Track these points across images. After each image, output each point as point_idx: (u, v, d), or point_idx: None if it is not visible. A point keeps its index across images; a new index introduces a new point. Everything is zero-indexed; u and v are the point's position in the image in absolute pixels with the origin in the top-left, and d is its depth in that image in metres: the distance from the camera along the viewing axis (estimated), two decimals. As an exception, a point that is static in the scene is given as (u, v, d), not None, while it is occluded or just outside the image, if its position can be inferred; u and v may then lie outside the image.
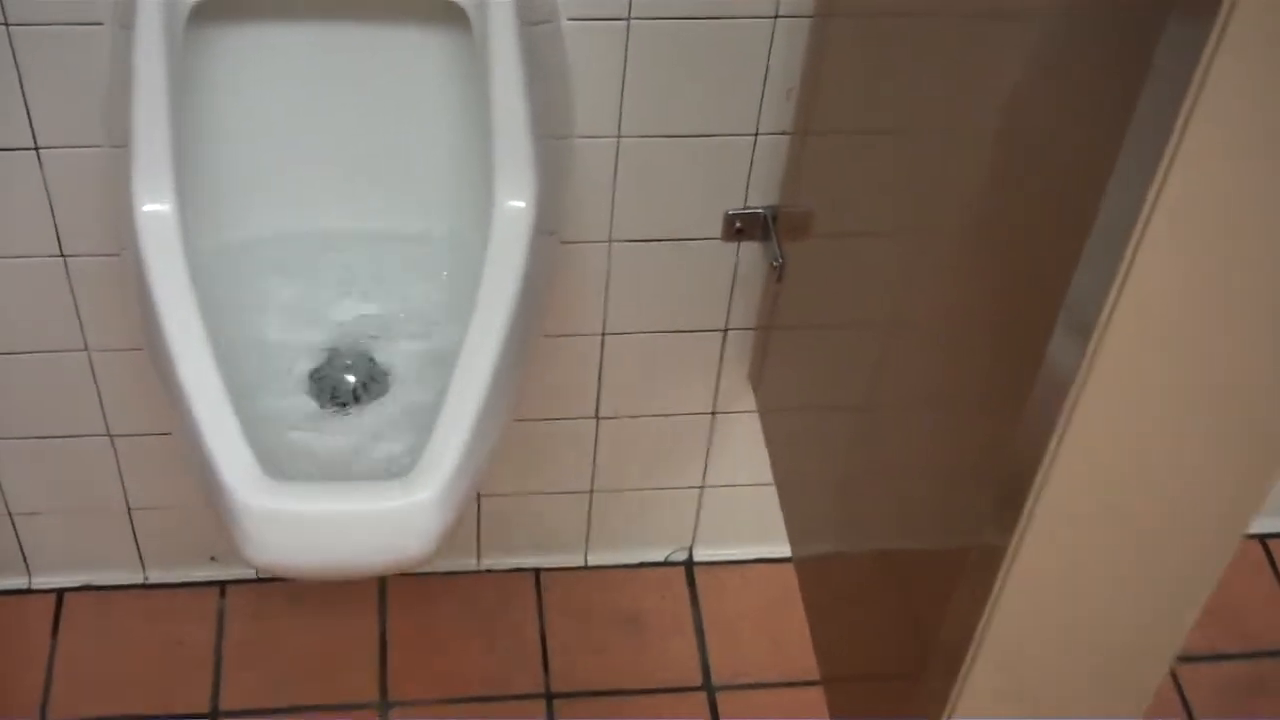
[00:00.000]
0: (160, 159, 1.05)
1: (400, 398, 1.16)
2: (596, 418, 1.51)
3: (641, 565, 1.67)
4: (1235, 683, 1.62)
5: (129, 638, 1.60)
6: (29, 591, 1.62)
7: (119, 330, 1.37)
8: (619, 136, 1.27)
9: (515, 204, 1.07)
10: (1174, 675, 1.62)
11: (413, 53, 1.17)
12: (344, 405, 1.15)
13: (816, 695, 1.55)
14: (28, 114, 1.20)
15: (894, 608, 1.10)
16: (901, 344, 1.11)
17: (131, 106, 1.05)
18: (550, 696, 1.56)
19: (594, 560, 1.67)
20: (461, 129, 1.18)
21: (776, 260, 1.31)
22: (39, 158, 1.23)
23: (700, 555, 1.68)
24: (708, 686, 1.58)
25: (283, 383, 1.16)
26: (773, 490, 1.51)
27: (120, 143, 1.10)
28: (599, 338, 1.43)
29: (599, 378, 1.47)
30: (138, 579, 1.63)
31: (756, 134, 1.28)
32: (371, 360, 1.18)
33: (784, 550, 1.65)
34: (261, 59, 1.15)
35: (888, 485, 1.16)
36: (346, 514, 0.99)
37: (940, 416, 1.04)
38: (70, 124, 1.21)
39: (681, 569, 1.68)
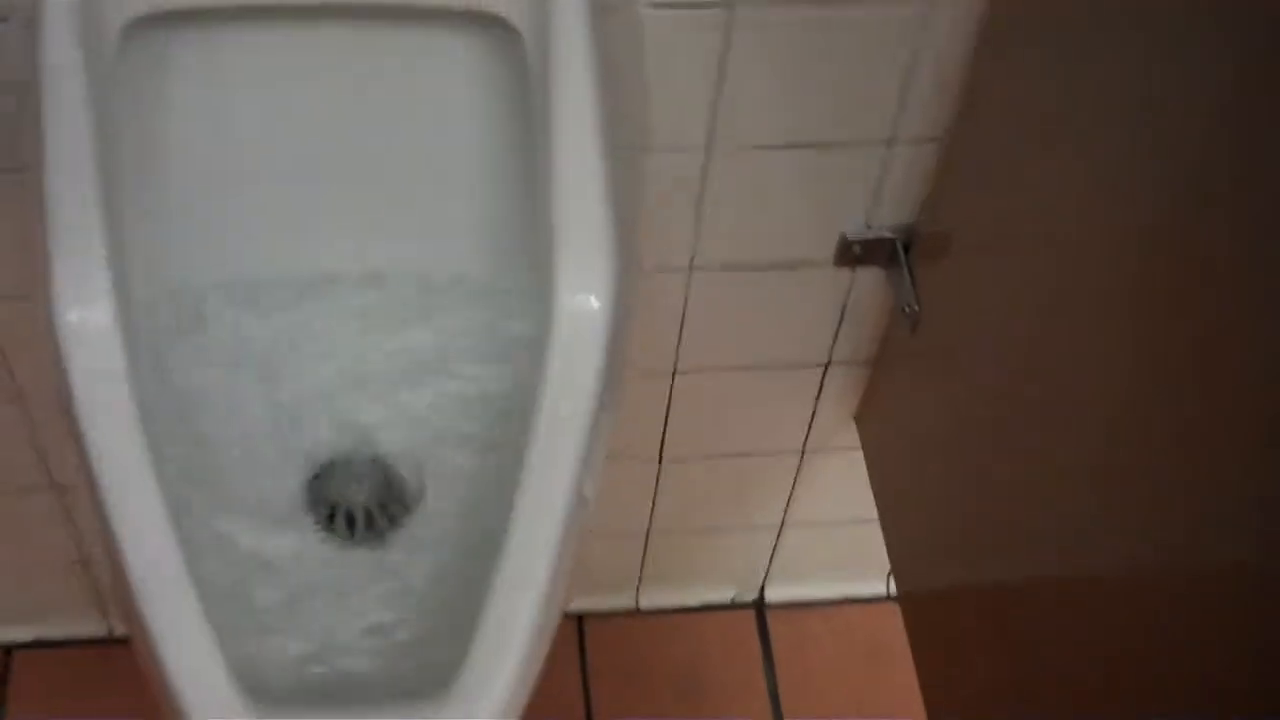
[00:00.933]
0: (87, 238, 0.73)
1: (432, 523, 0.87)
2: (660, 461, 1.22)
3: (704, 608, 1.41)
4: None
5: (91, 693, 1.34)
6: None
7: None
8: (709, 146, 0.96)
9: (586, 302, 0.77)
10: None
11: (434, 54, 0.85)
12: (351, 534, 0.87)
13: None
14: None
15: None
16: (1056, 383, 0.87)
17: (45, 168, 0.73)
18: (598, 779, 1.31)
19: (647, 603, 1.40)
20: (500, 147, 0.87)
21: (910, 307, 1.01)
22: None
23: (773, 597, 1.41)
24: (785, 762, 1.33)
25: (270, 507, 0.87)
26: (858, 529, 1.26)
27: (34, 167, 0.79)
28: (669, 377, 1.14)
29: (665, 419, 1.18)
30: (100, 632, 1.36)
31: (891, 141, 0.96)
32: (387, 469, 0.89)
33: (870, 590, 1.40)
34: (234, 67, 0.83)
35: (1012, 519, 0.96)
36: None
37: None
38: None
39: (751, 612, 1.41)
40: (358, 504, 0.87)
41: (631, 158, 0.94)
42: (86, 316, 0.72)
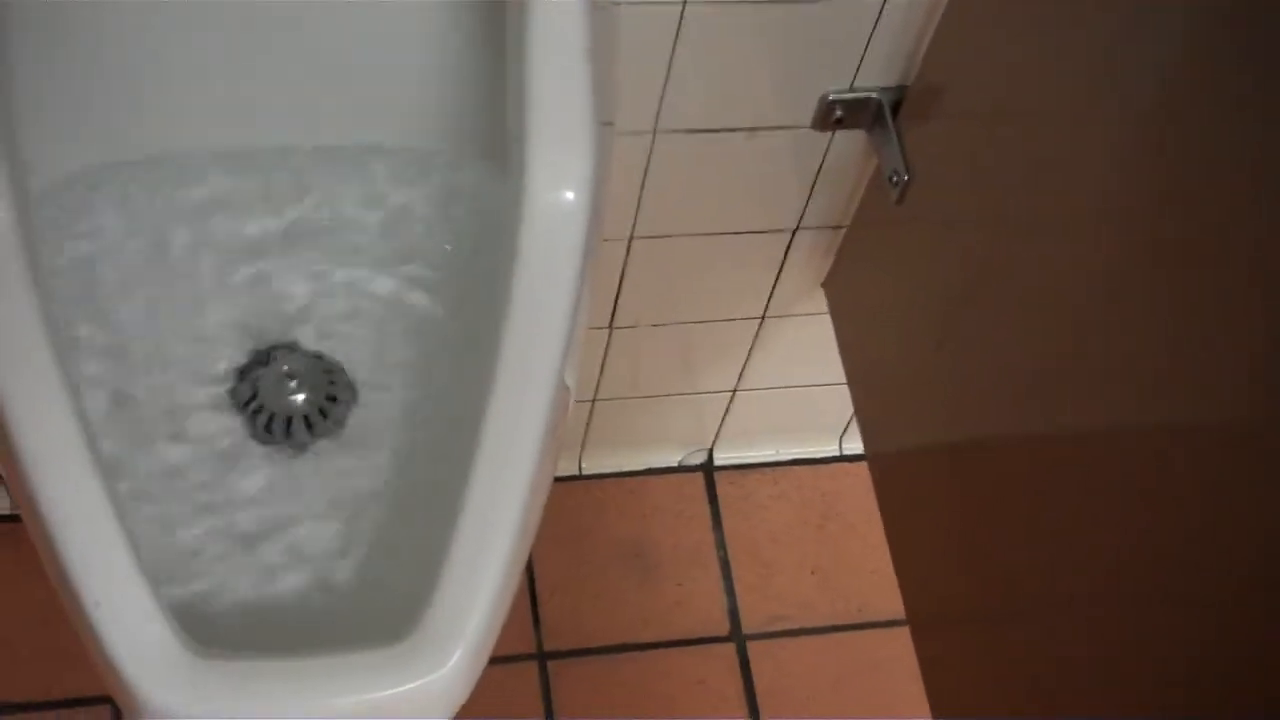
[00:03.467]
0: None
1: (375, 425, 0.78)
2: (610, 327, 1.14)
3: (649, 472, 1.34)
4: None
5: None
6: None
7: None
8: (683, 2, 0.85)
9: (561, 196, 0.67)
10: None
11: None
12: (289, 436, 0.78)
13: (878, 640, 1.28)
14: None
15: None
16: (1046, 245, 0.84)
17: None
18: (543, 657, 1.25)
19: (590, 468, 1.33)
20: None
21: (898, 176, 0.93)
22: None
23: (721, 459, 1.35)
24: (737, 635, 1.29)
25: (197, 403, 0.77)
26: (809, 392, 1.25)
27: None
28: (625, 242, 1.04)
29: (619, 286, 1.09)
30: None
31: (884, -4, 0.87)
32: (326, 364, 0.79)
33: (823, 451, 1.35)
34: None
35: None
36: (326, 711, 0.64)
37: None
38: None
39: (699, 475, 1.35)
40: (293, 406, 0.78)
41: (607, 9, 0.83)
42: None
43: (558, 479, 1.31)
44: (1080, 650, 0.85)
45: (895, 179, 0.93)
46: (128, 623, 0.63)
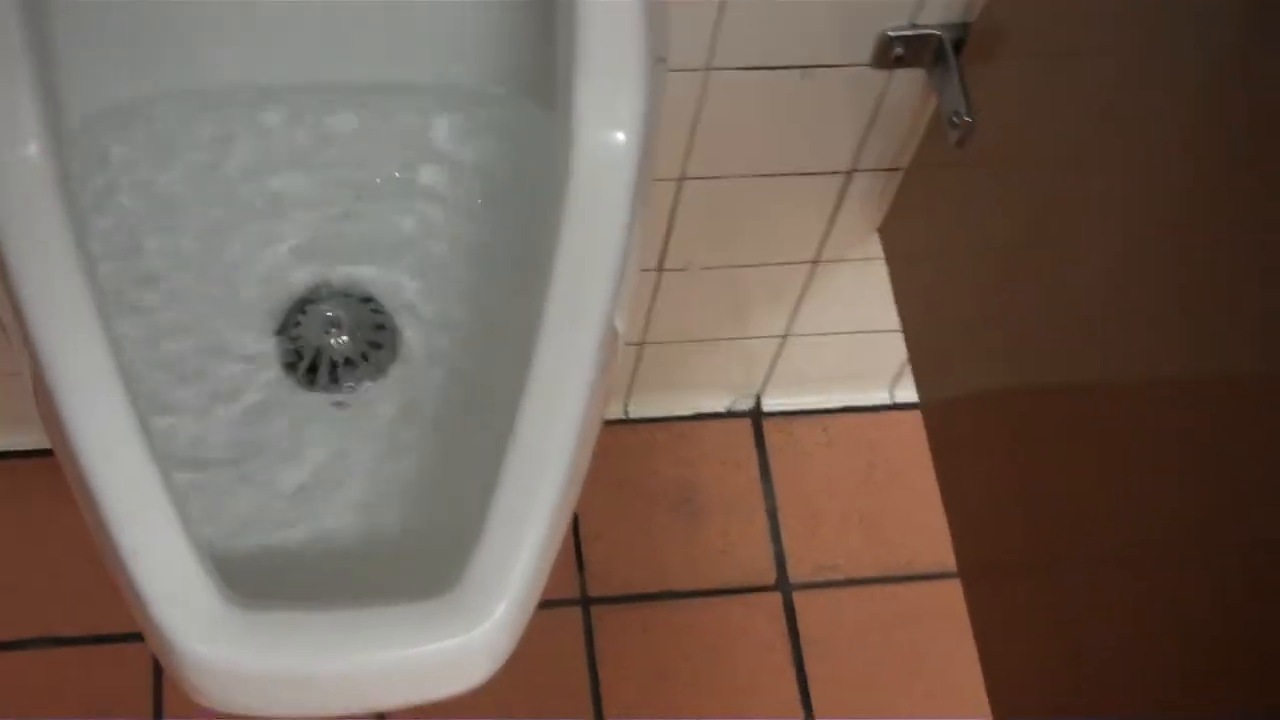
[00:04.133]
0: (11, 70, 0.60)
1: (418, 368, 0.76)
2: (660, 270, 1.12)
3: (697, 417, 1.32)
4: None
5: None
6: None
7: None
8: (740, -73, 0.82)
9: (612, 136, 0.64)
10: None
11: None
12: (333, 381, 0.76)
13: (926, 592, 1.26)
14: None
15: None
16: (1109, 190, 0.81)
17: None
18: (586, 602, 1.24)
19: (636, 412, 1.31)
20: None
21: (959, 117, 0.90)
22: None
23: (770, 406, 1.32)
24: (783, 584, 1.27)
25: (239, 349, 0.76)
26: (861, 339, 1.23)
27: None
28: (675, 183, 1.02)
29: (669, 228, 1.06)
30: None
31: (950, -73, 0.83)
32: (371, 308, 0.77)
33: (874, 399, 1.32)
34: None
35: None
36: (364, 666, 0.62)
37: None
38: None
39: (747, 421, 1.33)
40: (336, 350, 0.76)
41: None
42: (13, 155, 0.60)
43: (605, 423, 1.30)
44: (1132, 605, 0.83)
45: (956, 120, 0.90)
46: (165, 571, 0.62)
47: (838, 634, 1.24)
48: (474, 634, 0.62)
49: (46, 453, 0.67)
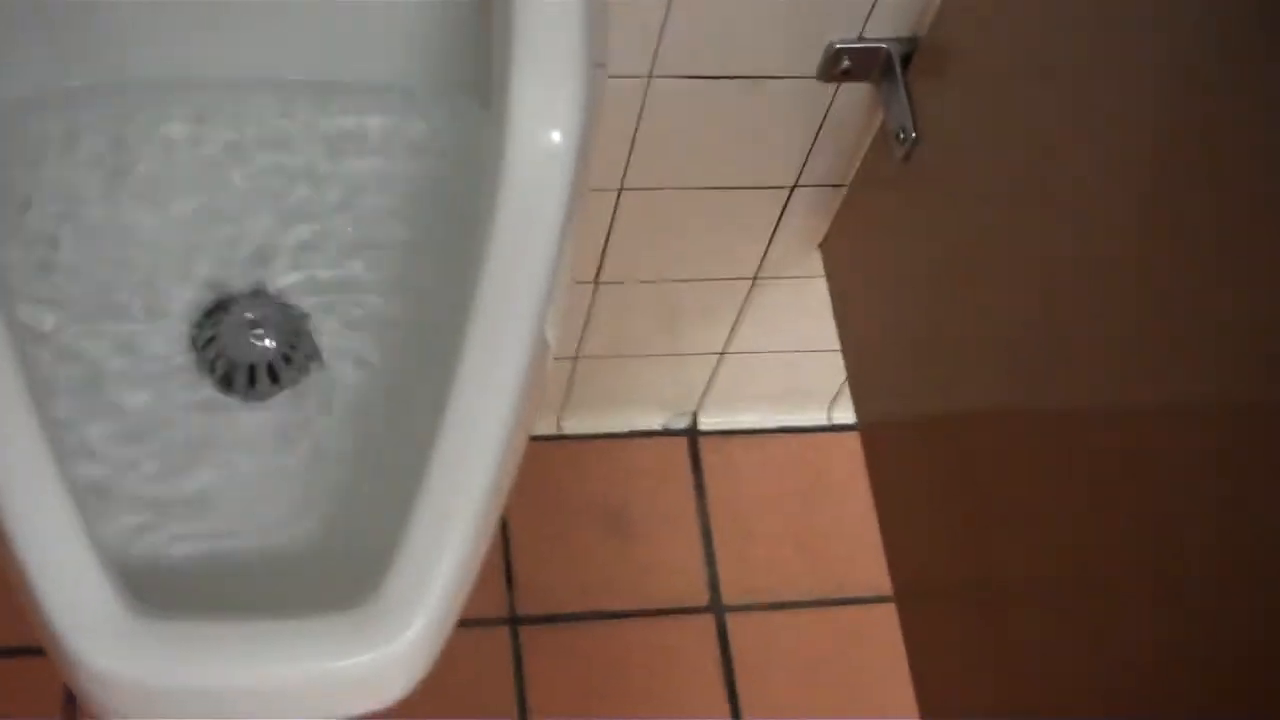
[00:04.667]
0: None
1: (342, 376, 0.74)
2: (596, 282, 1.09)
3: (633, 434, 1.30)
4: None
5: None
6: None
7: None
8: (685, -69, 0.80)
9: (548, 137, 0.62)
10: None
11: None
12: (250, 387, 0.73)
13: (861, 616, 1.24)
14: None
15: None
16: (1060, 212, 0.80)
17: None
18: (515, 622, 1.21)
19: (570, 428, 1.28)
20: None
21: (904, 134, 0.88)
22: None
23: (706, 424, 1.30)
24: (716, 606, 1.24)
25: (152, 351, 0.72)
26: (799, 358, 1.21)
27: None
28: (615, 193, 1.00)
29: (606, 239, 1.04)
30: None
31: (897, -61, 0.82)
32: (290, 312, 0.74)
33: (812, 419, 1.30)
34: None
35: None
36: (278, 678, 0.60)
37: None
38: None
39: (683, 440, 1.30)
40: (255, 355, 0.73)
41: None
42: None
43: (537, 438, 1.27)
44: (1066, 630, 0.82)
45: (902, 136, 0.88)
46: (65, 579, 0.59)
47: (771, 657, 1.22)
48: (389, 649, 0.59)
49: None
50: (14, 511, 0.59)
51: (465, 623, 1.12)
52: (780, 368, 1.24)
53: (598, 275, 1.08)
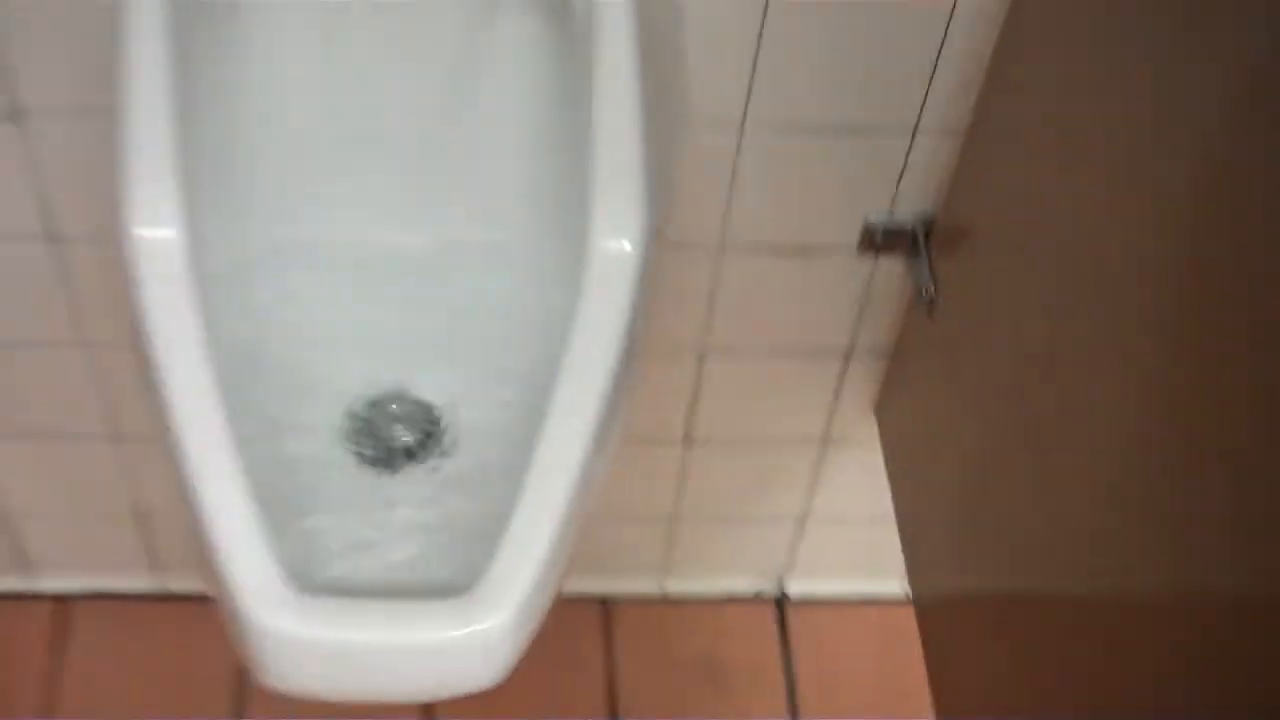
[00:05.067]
0: (159, 169, 0.81)
1: (464, 460, 0.93)
2: (687, 442, 1.28)
3: (727, 599, 1.46)
4: None
5: (142, 648, 1.41)
6: (31, 596, 1.42)
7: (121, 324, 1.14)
8: (744, 124, 1.02)
9: (618, 245, 0.83)
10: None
11: (489, 22, 0.93)
12: (391, 466, 0.93)
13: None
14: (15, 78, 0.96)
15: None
16: (1072, 386, 0.89)
17: (125, 101, 0.81)
18: (618, 751, 1.35)
19: (673, 589, 1.45)
20: (545, 112, 0.94)
21: (928, 291, 1.07)
22: (23, 129, 1.00)
23: (794, 591, 1.46)
24: (798, 747, 1.37)
25: (317, 436, 0.93)
26: (879, 526, 1.30)
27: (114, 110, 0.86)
28: (697, 356, 1.19)
29: (693, 399, 1.24)
30: (151, 587, 1.42)
31: (915, 131, 1.03)
32: (428, 409, 0.95)
33: (893, 588, 1.44)
34: (298, 28, 0.91)
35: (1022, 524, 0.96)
36: (392, 646, 0.77)
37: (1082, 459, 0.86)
38: (56, 85, 0.97)
39: (771, 606, 1.46)
40: (400, 440, 0.93)
41: (670, 126, 1.01)
42: (157, 234, 0.80)
43: (643, 597, 1.44)
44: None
45: (925, 293, 1.07)
46: (250, 570, 0.77)
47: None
48: (482, 626, 0.76)
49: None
50: (213, 516, 0.79)
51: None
52: (861, 535, 1.39)
53: (688, 433, 1.27)
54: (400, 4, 0.89)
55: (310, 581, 0.81)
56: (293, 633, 0.76)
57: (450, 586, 0.83)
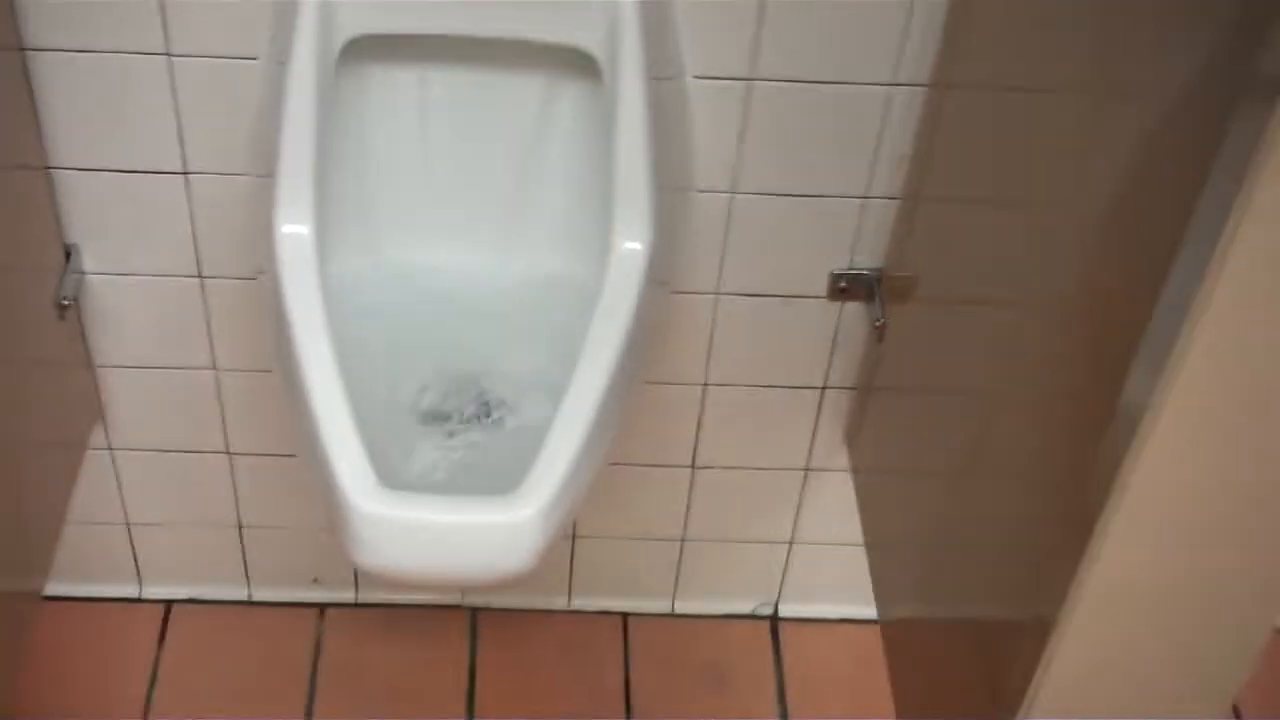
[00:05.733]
0: (302, 184, 1.12)
1: (506, 424, 1.21)
2: (693, 467, 1.55)
3: (728, 617, 1.71)
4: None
5: (230, 650, 1.66)
6: (139, 600, 1.69)
7: (247, 352, 1.44)
8: (733, 193, 1.32)
9: (632, 246, 1.13)
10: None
11: (545, 99, 1.24)
12: (452, 427, 1.21)
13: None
14: (180, 140, 1.28)
15: (970, 675, 1.12)
16: (996, 413, 1.14)
17: (281, 135, 1.12)
18: (630, 740, 1.60)
19: (681, 608, 1.70)
20: (589, 174, 1.24)
21: (879, 320, 1.35)
22: (187, 182, 1.31)
23: (786, 611, 1.71)
24: (787, 745, 1.61)
25: (399, 398, 1.22)
26: (862, 550, 1.55)
27: (264, 172, 1.17)
28: (700, 388, 1.48)
29: (698, 427, 1.51)
30: (242, 595, 1.69)
31: (866, 197, 1.32)
32: (481, 387, 1.23)
33: (870, 612, 1.68)
34: (402, 98, 1.23)
35: (970, 552, 1.17)
36: (454, 524, 1.04)
37: (1018, 486, 1.07)
38: (218, 152, 1.29)
39: (766, 623, 1.71)
40: (464, 411, 1.21)
41: (678, 196, 1.31)
42: (296, 229, 1.10)
43: (654, 614, 1.69)
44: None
45: (877, 323, 1.35)
46: (352, 470, 1.05)
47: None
48: (519, 513, 1.03)
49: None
50: (326, 436, 1.06)
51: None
52: (844, 559, 1.63)
53: (694, 460, 1.54)
54: (474, 92, 1.21)
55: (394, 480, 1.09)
56: (380, 514, 1.03)
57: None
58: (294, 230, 1.11)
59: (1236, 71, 0.72)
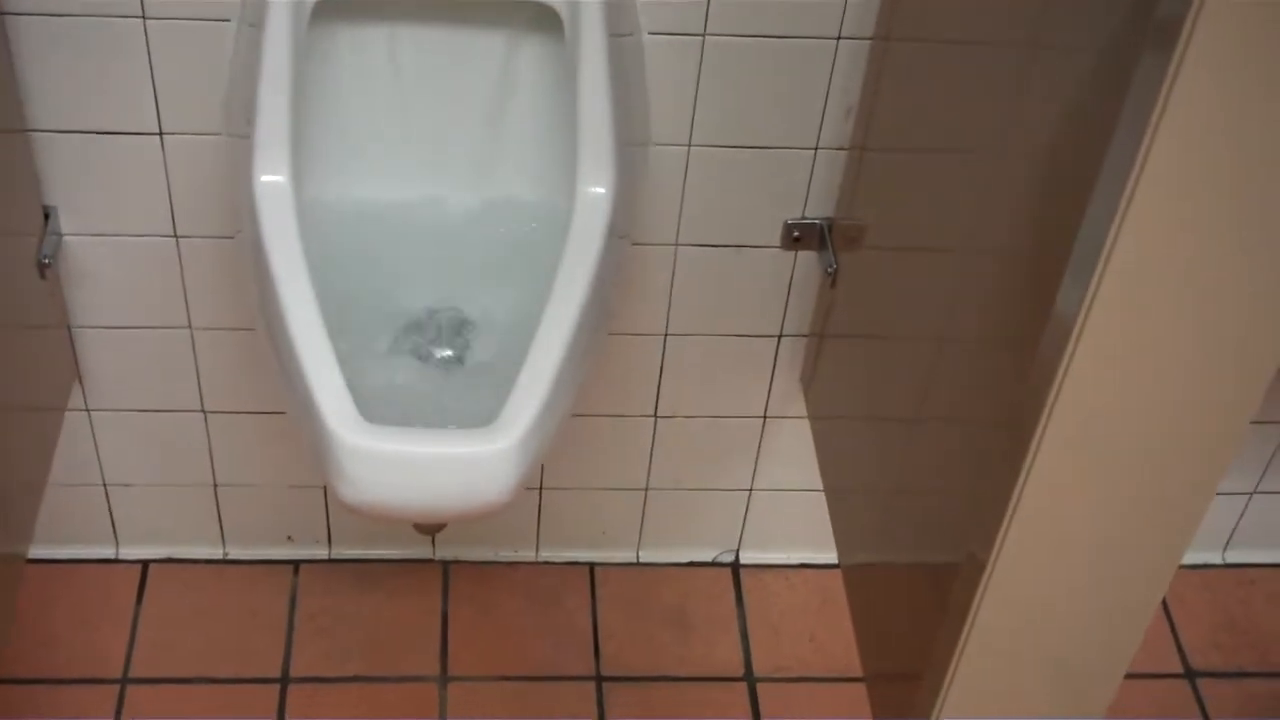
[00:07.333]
0: (279, 136, 1.16)
1: (485, 348, 1.26)
2: (655, 416, 1.61)
3: (691, 564, 1.77)
4: (1256, 698, 1.69)
5: (207, 608, 1.71)
6: (116, 561, 1.73)
7: (223, 310, 1.48)
8: (690, 145, 1.38)
9: (596, 190, 1.18)
10: (1197, 691, 1.69)
11: (509, 54, 1.29)
12: (432, 356, 1.26)
13: (854, 691, 1.64)
14: (155, 101, 1.32)
15: (920, 614, 1.18)
16: (941, 357, 1.20)
17: (257, 92, 1.17)
18: (600, 680, 1.65)
19: (645, 557, 1.76)
20: (553, 121, 1.30)
21: (831, 267, 1.42)
22: (162, 143, 1.35)
23: (746, 558, 1.77)
24: (749, 677, 1.67)
25: (378, 326, 1.26)
26: (820, 496, 1.61)
27: (239, 132, 1.22)
28: (661, 338, 1.53)
29: (659, 377, 1.57)
30: (218, 554, 1.73)
31: (816, 148, 1.39)
32: (461, 313, 1.28)
33: (829, 556, 1.74)
34: (373, 55, 1.28)
35: (918, 495, 1.24)
36: (434, 456, 1.09)
37: (958, 429, 1.13)
38: (193, 112, 1.34)
39: (728, 570, 1.77)
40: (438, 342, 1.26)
41: (638, 150, 1.36)
42: (273, 179, 1.15)
43: (622, 564, 1.75)
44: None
45: (829, 269, 1.41)
46: (336, 407, 1.10)
47: (793, 716, 1.63)
48: (494, 445, 1.08)
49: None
50: (308, 373, 1.11)
51: (566, 678, 1.65)
52: (803, 505, 1.70)
53: (656, 409, 1.60)
54: (441, 49, 1.26)
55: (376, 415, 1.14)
56: (363, 447, 1.08)
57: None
58: (272, 179, 1.16)
59: (1142, 22, 0.79)
